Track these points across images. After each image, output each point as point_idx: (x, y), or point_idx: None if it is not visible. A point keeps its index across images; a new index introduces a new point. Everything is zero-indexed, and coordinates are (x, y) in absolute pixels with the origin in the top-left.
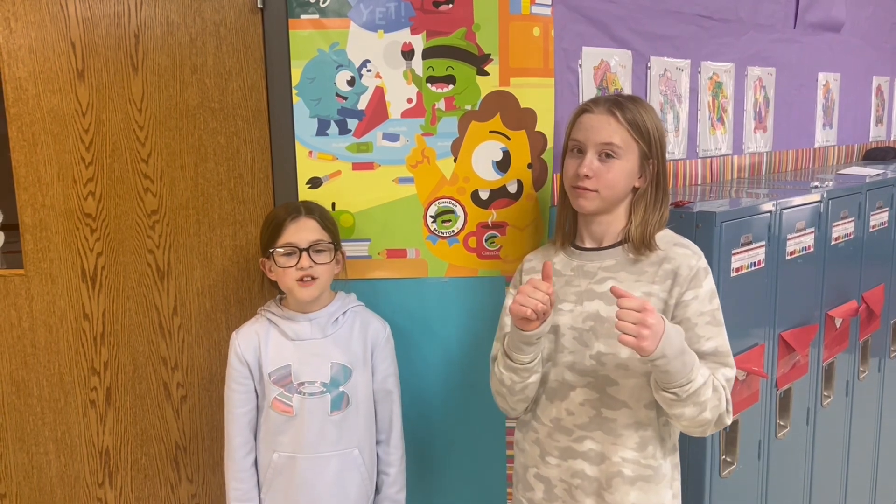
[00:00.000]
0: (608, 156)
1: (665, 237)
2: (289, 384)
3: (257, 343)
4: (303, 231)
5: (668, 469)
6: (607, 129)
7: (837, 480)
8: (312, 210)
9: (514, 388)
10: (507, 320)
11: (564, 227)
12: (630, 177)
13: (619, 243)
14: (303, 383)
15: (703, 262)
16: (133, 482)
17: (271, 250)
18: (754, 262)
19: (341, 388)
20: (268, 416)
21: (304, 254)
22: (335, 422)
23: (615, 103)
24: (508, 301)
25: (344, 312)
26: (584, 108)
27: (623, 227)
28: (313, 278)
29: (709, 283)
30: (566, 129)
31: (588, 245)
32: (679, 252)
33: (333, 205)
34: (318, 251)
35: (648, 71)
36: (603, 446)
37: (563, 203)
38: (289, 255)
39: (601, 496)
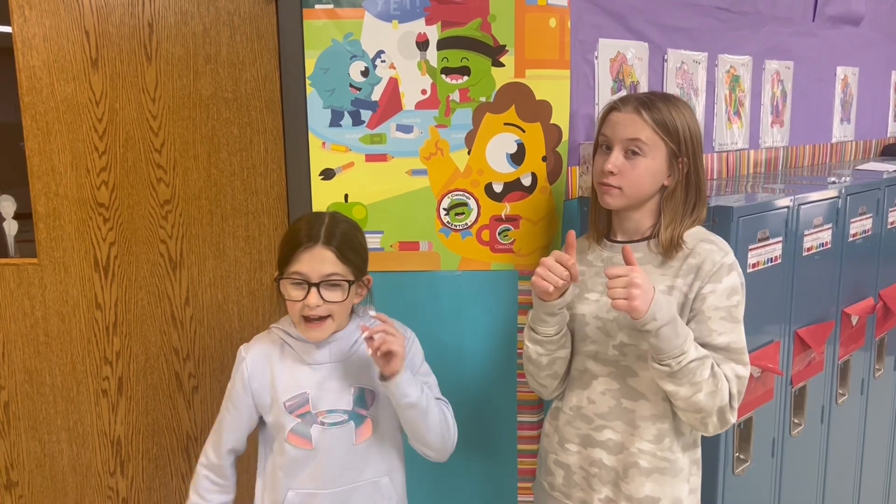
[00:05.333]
0: (634, 153)
1: (694, 234)
2: (306, 413)
3: (269, 368)
4: (316, 263)
5: (686, 464)
6: (633, 126)
7: (851, 479)
8: (333, 237)
9: (541, 362)
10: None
11: (597, 222)
12: (657, 175)
13: (649, 238)
14: (322, 412)
15: (730, 259)
16: (144, 472)
17: (279, 278)
18: (771, 258)
19: (365, 414)
20: (282, 450)
21: (314, 290)
22: (360, 451)
23: (643, 103)
24: None
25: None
26: (613, 107)
27: (652, 224)
28: (322, 318)
29: (730, 280)
30: (596, 126)
31: (620, 238)
32: (705, 248)
33: (346, 196)
34: (331, 287)
35: (665, 63)
36: (622, 436)
37: (594, 200)
38: (298, 284)
39: (617, 486)
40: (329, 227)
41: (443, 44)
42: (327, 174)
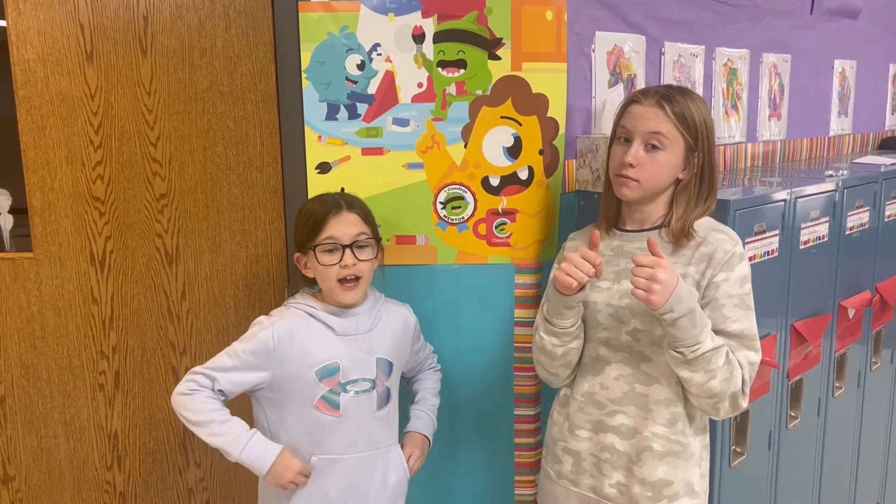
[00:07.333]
0: (654, 147)
1: (704, 223)
2: (336, 382)
3: (297, 339)
4: (345, 225)
5: (697, 448)
6: (655, 119)
7: (848, 472)
8: (353, 203)
9: (556, 352)
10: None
11: (608, 212)
12: (674, 169)
13: (659, 227)
14: (351, 381)
15: (740, 248)
16: (141, 466)
17: (312, 246)
18: (768, 251)
19: (386, 384)
20: (308, 417)
21: (348, 251)
22: (380, 419)
23: (664, 96)
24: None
25: (378, 308)
26: (634, 99)
27: (664, 214)
28: (357, 278)
29: (742, 269)
30: (614, 117)
31: (629, 228)
32: (717, 237)
33: (342, 190)
34: (361, 247)
35: (662, 57)
36: (635, 421)
37: (607, 190)
38: (330, 251)
39: (630, 470)
40: (345, 197)
41: (439, 37)
42: (324, 168)
